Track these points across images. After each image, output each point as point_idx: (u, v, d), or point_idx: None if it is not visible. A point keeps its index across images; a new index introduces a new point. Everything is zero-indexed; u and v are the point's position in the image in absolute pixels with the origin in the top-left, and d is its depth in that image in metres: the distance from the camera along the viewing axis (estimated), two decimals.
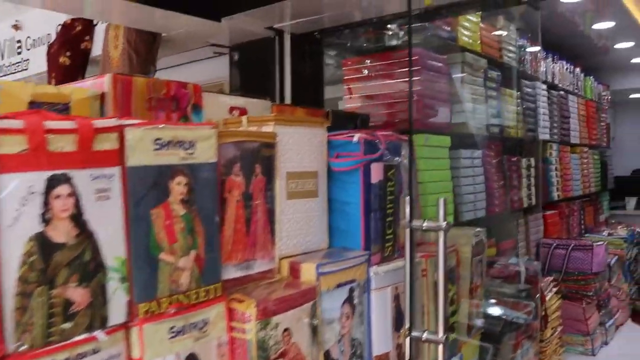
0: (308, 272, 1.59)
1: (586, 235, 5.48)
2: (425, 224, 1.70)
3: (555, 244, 4.30)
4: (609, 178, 6.63)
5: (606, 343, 4.48)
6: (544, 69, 4.68)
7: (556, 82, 4.85)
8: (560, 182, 4.80)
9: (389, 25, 2.99)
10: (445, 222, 1.65)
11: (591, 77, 5.95)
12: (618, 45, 5.86)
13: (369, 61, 2.95)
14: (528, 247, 4.24)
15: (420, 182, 2.77)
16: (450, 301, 2.14)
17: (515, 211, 3.90)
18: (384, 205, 1.84)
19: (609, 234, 5.51)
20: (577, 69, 5.55)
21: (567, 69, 5.22)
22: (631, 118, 8.63)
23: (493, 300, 2.74)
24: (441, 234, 1.67)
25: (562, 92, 5.00)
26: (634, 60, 6.54)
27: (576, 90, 5.43)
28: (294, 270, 1.62)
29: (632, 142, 8.61)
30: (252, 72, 3.22)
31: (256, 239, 1.55)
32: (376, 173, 1.81)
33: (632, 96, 8.02)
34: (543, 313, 3.11)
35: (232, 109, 1.96)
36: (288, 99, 3.00)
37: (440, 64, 2.98)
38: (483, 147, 3.43)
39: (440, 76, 2.98)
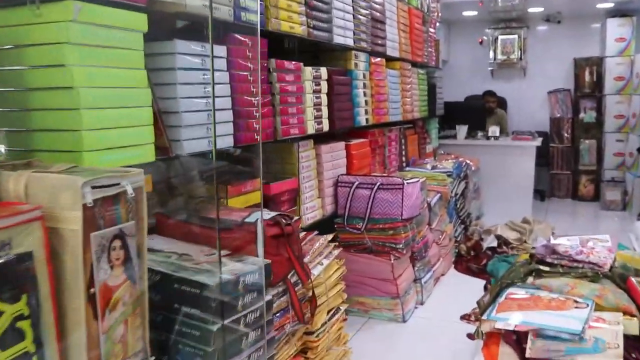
0: None
1: (407, 169, 4.59)
2: None
3: (357, 183, 3.29)
4: (437, 103, 5.80)
5: (422, 303, 3.63)
6: None
7: None
8: (371, 103, 3.77)
9: None
10: None
11: None
12: None
13: None
14: (321, 188, 3.18)
15: (66, 88, 1.52)
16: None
17: (293, 139, 2.79)
18: None
19: (433, 167, 4.66)
20: None
21: None
22: (465, 40, 7.92)
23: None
24: None
25: None
26: None
27: None
28: None
29: (465, 66, 7.94)
30: None
31: None
32: None
33: (465, 13, 7.24)
34: (310, 294, 2.04)
35: None
36: None
37: None
38: (230, 41, 2.22)
39: None
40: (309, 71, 2.87)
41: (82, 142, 1.54)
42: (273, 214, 1.88)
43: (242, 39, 2.28)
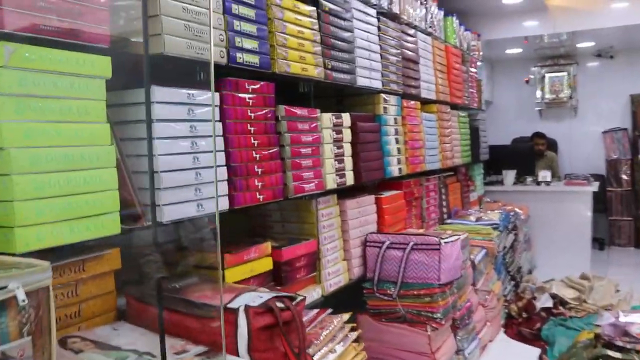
0: None
1: (448, 221, 4.17)
2: None
3: (387, 242, 2.90)
4: (482, 147, 5.38)
5: None
6: None
7: (396, 10, 3.43)
8: (404, 151, 3.40)
9: None
10: None
11: (454, 17, 4.62)
12: None
13: None
14: (347, 249, 2.80)
15: None
16: None
17: (312, 195, 2.44)
18: None
19: (477, 219, 4.22)
20: (433, 3, 4.18)
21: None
22: (510, 79, 7.51)
23: None
24: None
25: (406, 27, 3.59)
26: (507, 1, 5.29)
27: (431, 30, 4.06)
28: None
29: (511, 107, 7.51)
30: None
31: None
32: None
33: (508, 51, 6.86)
34: None
35: None
36: None
37: None
38: (224, 87, 1.91)
39: None
40: (327, 118, 2.53)
41: (13, 215, 1.22)
42: (267, 296, 1.52)
43: (240, 84, 1.97)
